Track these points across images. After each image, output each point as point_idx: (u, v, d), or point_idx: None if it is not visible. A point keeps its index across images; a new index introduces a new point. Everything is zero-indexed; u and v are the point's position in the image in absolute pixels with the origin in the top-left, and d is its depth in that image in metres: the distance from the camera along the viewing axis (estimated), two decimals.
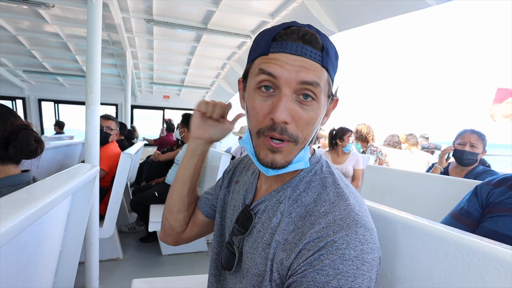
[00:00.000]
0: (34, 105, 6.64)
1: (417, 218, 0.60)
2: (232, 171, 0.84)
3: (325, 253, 0.47)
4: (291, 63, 0.52)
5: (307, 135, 0.56)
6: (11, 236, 0.50)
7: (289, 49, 0.52)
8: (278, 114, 0.51)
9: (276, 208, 0.60)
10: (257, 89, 0.56)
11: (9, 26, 3.51)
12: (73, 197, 1.06)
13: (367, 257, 0.46)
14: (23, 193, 0.67)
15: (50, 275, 1.04)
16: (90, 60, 1.86)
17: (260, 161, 0.57)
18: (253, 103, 0.56)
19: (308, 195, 0.58)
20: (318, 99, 0.54)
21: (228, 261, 0.66)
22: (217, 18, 3.07)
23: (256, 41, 0.59)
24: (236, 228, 0.66)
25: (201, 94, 7.44)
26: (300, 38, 0.53)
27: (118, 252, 2.60)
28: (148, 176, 3.59)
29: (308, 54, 0.52)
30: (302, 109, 0.54)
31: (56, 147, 3.11)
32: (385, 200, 2.00)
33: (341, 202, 0.53)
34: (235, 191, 0.76)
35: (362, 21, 2.45)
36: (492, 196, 1.08)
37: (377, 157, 3.37)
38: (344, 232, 0.48)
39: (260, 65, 0.54)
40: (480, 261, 0.47)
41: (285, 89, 0.52)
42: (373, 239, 0.49)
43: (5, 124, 0.97)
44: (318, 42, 0.54)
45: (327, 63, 0.54)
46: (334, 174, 0.61)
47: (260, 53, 0.55)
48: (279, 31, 0.54)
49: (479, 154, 1.90)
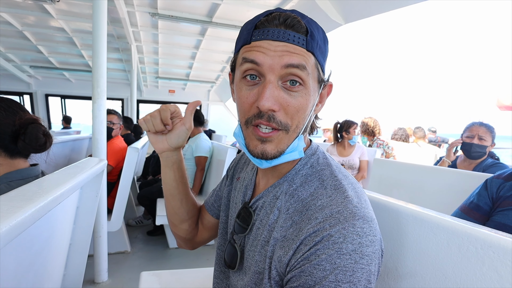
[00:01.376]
0: (41, 100, 6.70)
1: (429, 211, 0.59)
2: (234, 168, 0.83)
3: (321, 247, 0.46)
4: (273, 49, 0.50)
5: (299, 123, 0.54)
6: (21, 229, 0.51)
7: (270, 35, 0.51)
8: (263, 101, 0.50)
9: (273, 204, 0.59)
10: (242, 79, 0.54)
11: (15, 22, 3.53)
12: (81, 191, 1.07)
13: (366, 250, 0.45)
14: (32, 187, 0.68)
15: (60, 267, 1.05)
16: (96, 54, 1.86)
17: (250, 153, 0.56)
18: (240, 93, 0.55)
19: (304, 189, 0.56)
20: (306, 84, 0.52)
21: (231, 259, 0.65)
22: (222, 11, 3.05)
23: (241, 31, 0.58)
24: (237, 225, 0.65)
25: (206, 88, 7.43)
26: (282, 23, 0.51)
27: (126, 245, 2.63)
28: (154, 170, 3.61)
29: (291, 39, 0.51)
30: (289, 95, 0.52)
31: (63, 141, 3.14)
32: (393, 193, 1.98)
33: (339, 194, 0.51)
34: (237, 188, 0.75)
35: (369, 13, 2.41)
36: (502, 190, 1.07)
37: (384, 150, 3.34)
38: (341, 225, 0.46)
39: (243, 54, 0.53)
40: (495, 255, 0.45)
41: (269, 75, 0.51)
42: (372, 231, 0.47)
43: (14, 118, 0.97)
44: (301, 25, 0.52)
45: (313, 47, 0.52)
46: (331, 166, 0.59)
47: (243, 43, 0.54)
48: (260, 19, 0.53)
49: (488, 147, 1.87)
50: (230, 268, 0.66)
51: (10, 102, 1.00)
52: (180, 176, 0.78)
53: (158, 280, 1.25)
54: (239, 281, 0.63)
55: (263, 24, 0.52)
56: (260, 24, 0.53)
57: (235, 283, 0.65)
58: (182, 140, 0.73)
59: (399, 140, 3.93)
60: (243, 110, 0.55)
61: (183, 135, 0.72)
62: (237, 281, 0.64)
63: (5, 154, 0.97)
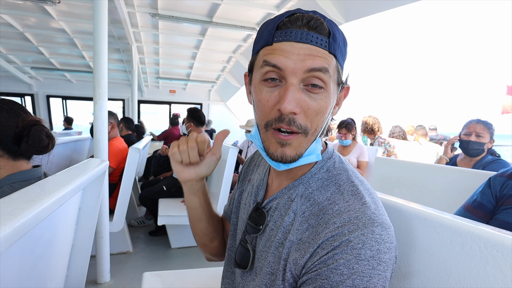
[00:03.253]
0: (43, 102, 6.73)
1: (432, 210, 0.59)
2: (244, 171, 0.83)
3: (339, 252, 0.46)
4: (296, 52, 0.49)
5: (318, 126, 0.54)
6: (25, 231, 0.51)
7: (293, 36, 0.50)
8: (285, 104, 0.49)
9: (288, 206, 0.58)
10: (263, 81, 0.53)
11: (16, 23, 3.54)
12: (83, 192, 1.07)
13: (384, 257, 0.45)
14: (35, 188, 0.68)
15: (63, 268, 1.06)
16: (97, 55, 1.86)
17: (269, 156, 0.55)
18: (260, 95, 0.54)
19: (321, 193, 0.56)
20: (327, 87, 0.52)
21: (242, 259, 0.65)
22: (222, 11, 3.04)
23: (260, 31, 0.56)
24: (249, 225, 0.65)
25: (207, 88, 7.44)
26: (305, 24, 0.50)
27: (128, 246, 2.63)
28: (156, 171, 3.61)
29: (314, 40, 0.50)
30: (310, 98, 0.51)
31: (65, 142, 3.15)
32: (395, 192, 1.98)
33: (356, 200, 0.51)
34: (247, 190, 0.75)
35: (369, 11, 2.41)
36: (506, 188, 1.06)
37: (385, 149, 3.34)
38: (360, 231, 0.46)
39: (264, 56, 0.52)
40: (499, 254, 0.45)
41: (291, 78, 0.50)
42: (390, 238, 0.47)
43: (17, 120, 0.98)
44: (324, 27, 0.51)
45: (335, 49, 0.52)
46: (348, 171, 0.58)
47: (264, 44, 0.53)
48: (282, 19, 0.52)
49: (486, 143, 1.86)
50: (241, 268, 0.65)
51: (12, 104, 1.00)
52: (204, 201, 0.76)
53: (160, 280, 1.25)
54: (250, 282, 0.63)
55: (286, 25, 0.51)
56: (283, 25, 0.52)
57: (245, 284, 0.65)
58: (211, 170, 0.71)
59: (398, 138, 3.92)
60: (264, 113, 0.54)
61: (212, 165, 0.70)
62: (248, 282, 0.64)
63: (8, 156, 0.97)
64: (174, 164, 0.69)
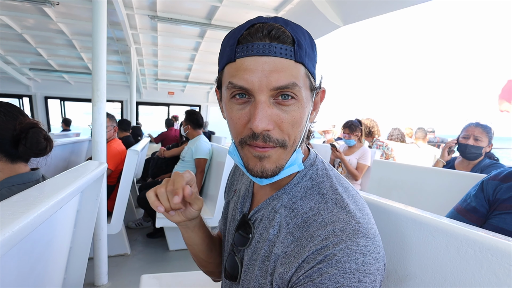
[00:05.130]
0: (41, 103, 6.71)
1: (427, 214, 0.59)
2: (230, 181, 0.82)
3: (324, 266, 0.45)
4: (260, 68, 0.47)
5: (296, 137, 0.52)
6: (24, 234, 0.51)
7: (255, 51, 0.47)
8: (256, 123, 0.47)
9: (272, 218, 0.57)
10: (232, 98, 0.52)
11: (15, 25, 3.53)
12: (82, 195, 1.07)
13: (370, 269, 0.44)
14: (34, 192, 0.68)
15: (61, 270, 1.06)
16: (96, 57, 1.86)
17: (250, 172, 0.53)
18: (231, 113, 0.52)
19: (304, 203, 0.55)
20: (299, 97, 0.50)
21: (233, 271, 0.64)
22: (221, 13, 3.06)
23: (223, 45, 0.54)
24: (236, 237, 0.64)
25: (205, 90, 7.44)
26: (266, 35, 0.48)
27: (126, 248, 2.63)
28: (154, 172, 3.61)
29: (278, 52, 0.47)
30: (282, 111, 0.49)
31: (63, 144, 3.14)
32: (392, 194, 1.99)
33: (340, 210, 0.50)
34: (234, 200, 0.74)
35: (367, 14, 2.42)
36: (499, 192, 1.05)
37: (384, 151, 3.35)
38: (344, 244, 0.45)
39: (229, 77, 0.50)
40: (494, 258, 0.46)
41: (259, 96, 0.48)
42: (376, 248, 0.46)
43: (14, 123, 0.97)
44: (287, 36, 0.49)
45: (302, 57, 0.49)
46: (331, 177, 0.57)
47: (227, 60, 0.51)
48: (242, 33, 0.50)
49: (484, 147, 1.87)
50: (232, 280, 0.64)
51: (9, 107, 1.00)
52: (203, 232, 0.73)
53: (158, 283, 1.25)
54: None
55: (246, 38, 0.49)
56: (243, 38, 0.49)
57: None
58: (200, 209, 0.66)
59: (396, 141, 3.93)
60: (237, 131, 0.53)
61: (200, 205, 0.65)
62: None
63: (6, 159, 0.97)
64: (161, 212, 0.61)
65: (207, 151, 2.84)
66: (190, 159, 2.86)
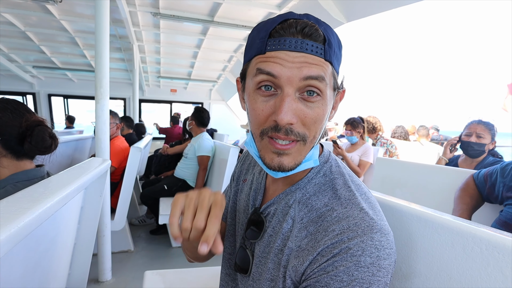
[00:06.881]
0: (44, 100, 6.73)
1: (433, 212, 0.59)
2: (239, 170, 0.82)
3: (339, 259, 0.46)
4: (291, 60, 0.48)
5: (316, 133, 0.53)
6: (29, 230, 0.51)
7: (287, 45, 0.48)
8: (281, 115, 0.48)
9: (286, 212, 0.58)
10: (257, 90, 0.52)
11: (18, 22, 3.54)
12: (86, 191, 1.08)
13: (383, 263, 0.45)
14: (39, 188, 0.68)
15: (65, 267, 1.06)
16: (99, 55, 1.87)
17: (266, 165, 0.54)
18: (254, 104, 0.52)
19: (318, 198, 0.56)
20: (323, 94, 0.50)
21: (243, 264, 0.64)
22: (223, 10, 3.04)
23: (251, 37, 0.54)
24: (249, 231, 0.64)
25: (208, 87, 7.43)
26: (299, 32, 0.49)
27: (129, 244, 2.64)
28: (157, 170, 3.62)
29: (309, 49, 0.48)
30: (307, 107, 0.50)
31: (67, 141, 3.15)
32: (396, 192, 1.98)
33: (354, 206, 0.51)
34: (244, 191, 0.74)
35: (371, 11, 2.40)
36: None
37: (387, 149, 3.33)
38: (359, 238, 0.46)
39: (258, 64, 0.50)
40: (500, 255, 0.46)
41: (287, 88, 0.48)
42: (389, 243, 0.47)
43: (20, 120, 0.98)
44: (319, 34, 0.49)
45: (331, 56, 0.50)
46: (344, 175, 0.58)
47: (256, 52, 0.51)
48: (275, 26, 0.50)
49: (487, 144, 1.86)
50: (242, 273, 0.64)
51: (16, 104, 1.00)
52: None
53: (162, 279, 1.26)
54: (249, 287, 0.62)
55: (279, 32, 0.49)
56: (275, 32, 0.50)
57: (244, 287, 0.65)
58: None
59: (400, 138, 3.92)
60: (259, 122, 0.52)
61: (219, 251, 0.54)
62: (246, 286, 0.64)
63: (12, 155, 0.98)
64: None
65: (210, 148, 2.84)
66: (193, 157, 2.87)
